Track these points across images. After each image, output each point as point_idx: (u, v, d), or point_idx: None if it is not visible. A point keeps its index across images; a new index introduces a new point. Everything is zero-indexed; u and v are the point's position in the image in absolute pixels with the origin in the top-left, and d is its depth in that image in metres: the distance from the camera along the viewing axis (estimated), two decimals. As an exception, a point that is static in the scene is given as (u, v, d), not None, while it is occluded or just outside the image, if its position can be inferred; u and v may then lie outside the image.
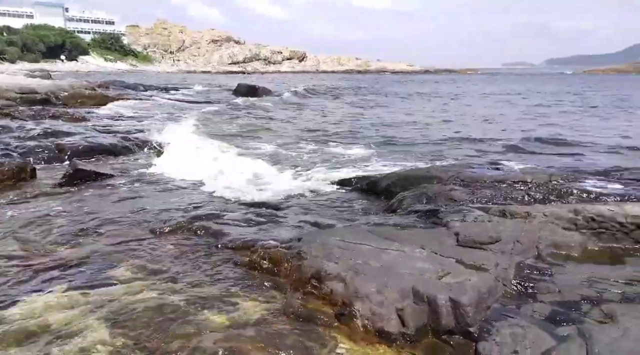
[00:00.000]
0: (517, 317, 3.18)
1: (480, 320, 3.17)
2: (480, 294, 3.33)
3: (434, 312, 3.19)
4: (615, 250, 4.24)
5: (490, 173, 6.34)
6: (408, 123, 16.16)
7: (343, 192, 6.83)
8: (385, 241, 4.23)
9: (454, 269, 3.69)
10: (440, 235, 4.45)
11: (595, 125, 15.48)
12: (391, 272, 3.53)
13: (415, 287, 3.34)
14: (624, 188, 5.26)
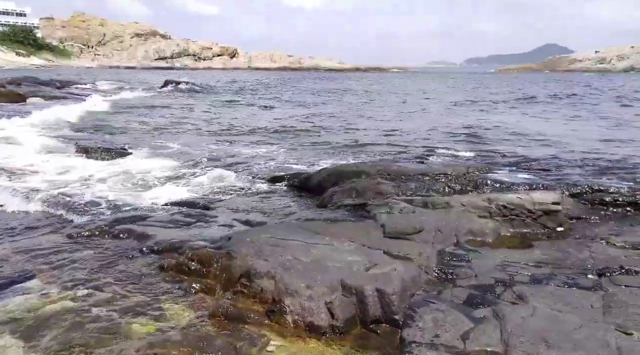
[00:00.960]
0: (438, 303, 3.36)
1: (405, 307, 3.31)
2: (404, 283, 3.48)
3: (362, 303, 3.29)
4: (525, 235, 4.61)
5: (415, 167, 6.62)
6: (328, 118, 16.46)
7: (275, 188, 6.82)
8: (315, 236, 4.29)
9: (381, 260, 3.83)
10: (368, 228, 4.59)
11: (516, 121, 16.63)
12: (320, 267, 3.59)
13: (344, 279, 3.42)
14: (532, 178, 5.72)
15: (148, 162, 8.20)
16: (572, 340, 2.79)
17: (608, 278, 3.49)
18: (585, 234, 4.31)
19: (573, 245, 4.11)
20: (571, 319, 3.00)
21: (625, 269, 3.57)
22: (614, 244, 4.02)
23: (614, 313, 3.07)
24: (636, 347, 2.70)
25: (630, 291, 3.30)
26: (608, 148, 9.53)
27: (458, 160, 7.83)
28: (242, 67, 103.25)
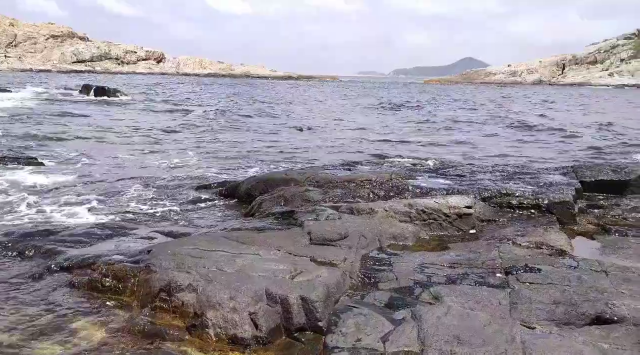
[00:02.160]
0: (360, 307, 3.45)
1: (329, 313, 3.36)
2: (329, 289, 3.53)
3: (286, 312, 3.29)
4: (442, 238, 4.87)
5: (342, 174, 6.77)
6: (257, 126, 16.47)
7: (202, 198, 6.65)
8: (241, 246, 4.24)
9: (307, 267, 3.86)
10: (295, 236, 4.61)
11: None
12: (245, 277, 3.55)
13: (269, 289, 3.41)
14: (449, 183, 6.07)
15: (55, 174, 7.65)
16: (482, 336, 2.97)
17: (514, 276, 3.77)
18: (495, 235, 4.64)
19: (484, 246, 4.40)
20: (481, 316, 3.20)
21: (529, 267, 3.87)
22: (520, 244, 4.35)
23: (519, 309, 3.32)
24: (537, 340, 2.93)
25: (533, 288, 3.58)
26: (515, 153, 10.69)
27: (381, 167, 8.11)
28: (169, 73, 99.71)
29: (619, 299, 3.23)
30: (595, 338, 2.91)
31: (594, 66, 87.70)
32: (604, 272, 3.64)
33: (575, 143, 13.94)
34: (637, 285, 3.40)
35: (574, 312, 3.15)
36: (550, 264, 3.87)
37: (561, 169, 6.27)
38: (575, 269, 3.73)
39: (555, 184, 5.40)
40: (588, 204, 5.33)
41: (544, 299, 3.34)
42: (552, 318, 3.16)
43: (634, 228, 4.63)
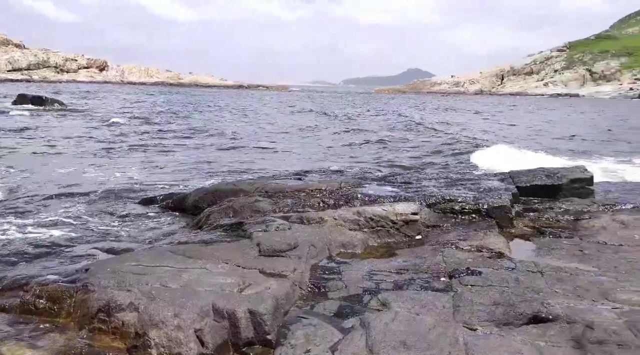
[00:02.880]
0: (310, 317, 3.44)
1: (278, 326, 3.33)
2: (278, 301, 3.50)
3: (234, 326, 3.23)
4: (390, 244, 4.97)
5: (292, 183, 6.76)
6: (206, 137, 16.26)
7: (147, 211, 6.42)
8: (187, 260, 4.12)
9: (255, 279, 3.81)
10: (244, 248, 4.55)
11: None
12: (191, 292, 3.45)
13: (216, 303, 3.33)
14: (396, 190, 6.21)
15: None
16: (427, 340, 3.05)
17: (457, 279, 3.90)
18: (439, 240, 4.79)
19: (429, 251, 4.53)
20: (427, 320, 3.28)
21: (471, 270, 4.02)
22: (462, 248, 4.52)
23: (461, 311, 3.43)
24: (479, 341, 3.04)
25: (474, 290, 3.71)
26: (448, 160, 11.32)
27: (331, 176, 8.20)
28: (113, 81, 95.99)
29: (553, 298, 3.41)
30: (533, 337, 3.05)
31: (530, 76, 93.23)
32: (539, 273, 3.84)
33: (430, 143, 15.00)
34: (569, 285, 3.61)
35: (512, 312, 3.30)
36: (490, 266, 4.04)
37: (499, 175, 6.59)
38: (513, 270, 3.91)
39: (494, 189, 5.66)
40: (524, 207, 5.62)
41: (485, 301, 3.48)
42: (492, 319, 3.29)
43: (566, 229, 4.93)
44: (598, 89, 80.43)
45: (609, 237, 4.46)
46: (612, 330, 2.88)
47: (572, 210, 5.33)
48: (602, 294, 3.38)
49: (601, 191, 5.98)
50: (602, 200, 5.51)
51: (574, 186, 5.64)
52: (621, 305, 3.21)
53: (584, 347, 2.83)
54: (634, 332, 2.87)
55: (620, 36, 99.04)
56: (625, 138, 19.12)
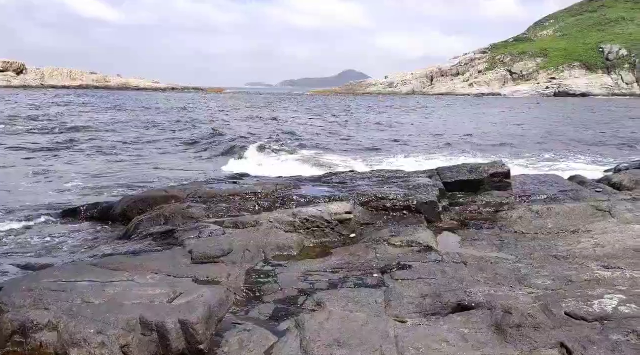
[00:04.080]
0: (244, 322, 3.41)
1: (212, 334, 3.26)
2: (211, 309, 3.41)
3: (163, 338, 3.11)
4: (325, 244, 5.03)
5: (226, 187, 6.65)
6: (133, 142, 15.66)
7: (69, 223, 6.04)
8: (113, 273, 3.92)
9: (187, 288, 3.69)
10: (175, 256, 4.41)
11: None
12: (116, 306, 3.28)
13: (143, 316, 3.19)
14: (331, 190, 6.30)
15: None
16: (359, 336, 3.11)
17: (389, 274, 4.03)
18: (372, 237, 4.91)
19: (362, 249, 4.64)
20: (359, 317, 3.35)
21: (402, 265, 4.16)
22: (394, 243, 4.67)
23: (392, 305, 3.54)
24: (408, 333, 3.15)
25: (405, 284, 3.84)
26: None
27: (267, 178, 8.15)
28: (32, 85, 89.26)
29: (475, 286, 3.62)
30: (457, 324, 3.21)
31: (457, 77, 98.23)
32: (463, 263, 4.05)
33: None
34: (489, 273, 3.84)
35: (439, 303, 3.45)
36: (419, 260, 4.20)
37: (428, 172, 6.88)
38: (439, 262, 4.09)
39: (423, 185, 5.90)
40: (450, 202, 5.91)
41: (414, 293, 3.61)
42: (421, 310, 3.43)
43: (488, 221, 5.25)
44: (517, 88, 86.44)
45: (525, 226, 4.81)
46: (528, 313, 3.10)
47: (493, 202, 5.69)
48: (519, 280, 3.63)
49: (518, 183, 6.43)
50: (518, 192, 5.94)
51: (494, 180, 6.03)
52: (536, 290, 3.46)
53: (504, 332, 3.03)
54: (547, 314, 3.11)
55: (536, 38, 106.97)
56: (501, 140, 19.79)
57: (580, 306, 2.99)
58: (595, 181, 6.71)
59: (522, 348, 2.78)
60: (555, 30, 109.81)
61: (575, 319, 2.89)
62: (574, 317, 2.91)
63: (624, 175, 6.42)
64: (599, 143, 18.17)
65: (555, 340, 2.76)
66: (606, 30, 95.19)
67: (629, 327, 2.80)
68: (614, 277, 3.42)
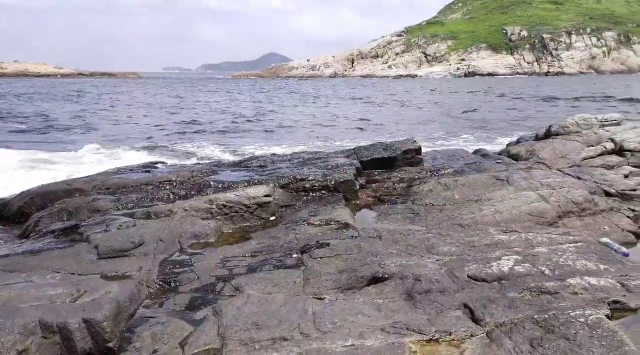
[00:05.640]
0: (158, 315, 3.26)
1: (122, 331, 3.09)
2: (120, 305, 3.23)
3: (67, 340, 2.90)
4: (245, 229, 4.94)
5: (137, 177, 6.29)
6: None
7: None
8: (8, 275, 3.59)
9: (93, 285, 3.46)
10: (79, 253, 4.11)
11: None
12: (11, 310, 2.99)
13: (43, 318, 2.94)
14: (251, 174, 6.19)
15: None
16: (279, 316, 3.10)
17: (308, 254, 4.05)
18: (292, 219, 4.91)
19: (282, 231, 4.63)
20: (278, 298, 3.35)
21: (320, 243, 4.21)
22: (313, 223, 4.70)
23: (311, 283, 3.58)
24: (326, 308, 3.20)
25: (323, 262, 3.89)
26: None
27: (184, 165, 7.85)
28: None
29: (389, 258, 3.75)
30: (372, 296, 3.32)
31: (376, 59, 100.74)
32: (378, 238, 4.18)
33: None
34: (402, 244, 4.00)
35: (354, 277, 3.54)
36: (337, 237, 4.28)
37: (346, 152, 7.00)
38: (356, 238, 4.19)
39: (341, 165, 5.99)
40: (367, 179, 6.07)
41: (332, 270, 3.67)
42: (338, 286, 3.50)
43: (401, 196, 5.47)
44: (432, 69, 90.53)
45: (435, 198, 5.06)
46: (435, 279, 3.28)
47: (406, 178, 5.92)
48: (428, 249, 3.82)
49: (430, 159, 6.76)
50: (429, 167, 6.24)
51: (407, 156, 6.28)
52: (443, 257, 3.66)
53: (414, 298, 3.18)
54: (452, 278, 3.31)
55: (447, 21, 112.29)
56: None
57: (481, 269, 3.21)
58: (497, 154, 7.23)
59: (430, 312, 2.94)
60: (463, 13, 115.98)
61: (476, 281, 3.11)
62: (476, 279, 3.13)
63: (520, 146, 6.98)
64: (501, 120, 19.62)
65: (459, 302, 2.95)
66: (509, 12, 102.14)
67: (523, 285, 3.06)
68: (511, 240, 3.72)
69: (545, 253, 3.38)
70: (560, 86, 44.25)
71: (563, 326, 2.44)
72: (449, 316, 2.84)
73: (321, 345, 2.77)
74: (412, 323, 2.86)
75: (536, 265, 3.18)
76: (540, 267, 3.15)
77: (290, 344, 2.82)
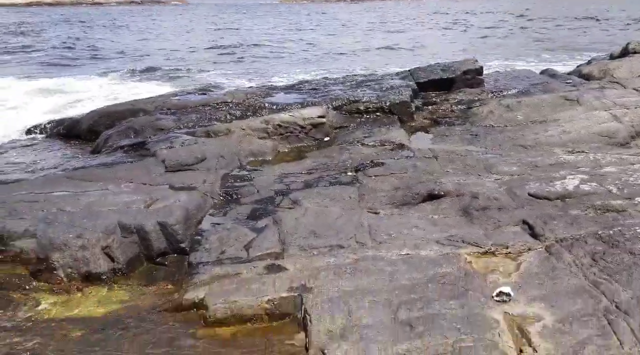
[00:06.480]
0: (223, 223, 3.49)
1: (192, 234, 3.35)
2: (189, 212, 3.49)
3: (144, 240, 3.19)
4: (300, 149, 5.05)
5: (195, 98, 6.46)
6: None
7: (35, 140, 5.88)
8: (86, 184, 3.91)
9: (163, 194, 3.73)
10: (148, 166, 4.38)
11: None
12: (93, 213, 3.31)
13: (122, 221, 3.24)
14: (304, 97, 6.19)
15: None
16: (335, 227, 3.24)
17: (362, 172, 4.11)
18: (346, 140, 4.95)
19: (337, 151, 4.69)
20: (334, 211, 3.47)
21: (375, 163, 4.24)
22: (367, 144, 4.72)
23: (366, 199, 3.66)
24: (381, 222, 3.30)
25: (378, 179, 3.94)
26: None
27: (238, 88, 7.93)
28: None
29: (445, 177, 3.74)
30: (427, 212, 3.37)
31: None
32: (434, 158, 4.15)
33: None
34: (459, 164, 3.96)
35: (410, 194, 3.58)
36: (392, 157, 4.28)
37: (401, 74, 6.78)
38: (411, 158, 4.18)
39: (396, 87, 5.84)
40: (424, 101, 5.92)
41: (386, 187, 3.72)
42: (393, 202, 3.56)
43: (460, 118, 5.31)
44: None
45: (496, 120, 4.89)
46: (493, 197, 3.26)
47: (465, 100, 5.71)
48: (487, 168, 3.76)
49: (491, 80, 6.43)
50: (490, 88, 5.95)
51: (467, 77, 6.00)
52: (502, 176, 3.60)
53: (471, 215, 3.19)
54: (512, 196, 3.27)
55: None
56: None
57: (544, 187, 3.14)
58: (567, 74, 6.75)
59: (486, 227, 2.96)
60: None
61: (538, 199, 3.06)
62: (537, 197, 3.08)
63: (593, 66, 6.46)
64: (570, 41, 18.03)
65: (518, 218, 2.93)
66: None
67: (588, 203, 2.98)
68: (577, 160, 3.57)
69: (614, 172, 3.24)
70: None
71: (629, 241, 2.40)
72: (506, 231, 2.85)
73: (377, 253, 2.89)
74: (468, 236, 2.90)
75: (603, 184, 3.07)
76: (607, 186, 3.04)
77: (346, 251, 2.96)
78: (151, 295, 2.77)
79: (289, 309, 2.48)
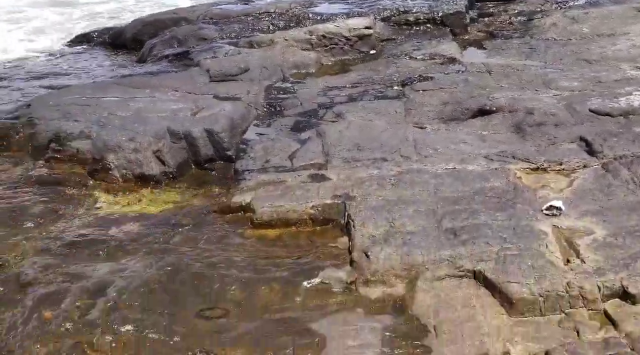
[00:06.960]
0: (268, 133, 3.52)
1: (237, 143, 3.40)
2: (234, 121, 3.51)
3: (192, 146, 3.28)
4: (344, 62, 4.88)
5: (237, 8, 6.26)
6: None
7: (83, 49, 5.96)
8: (134, 90, 3.98)
9: (208, 103, 3.76)
10: (193, 75, 4.39)
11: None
12: (142, 119, 3.40)
13: (171, 127, 3.32)
14: (349, 7, 5.86)
15: None
16: (379, 140, 3.19)
17: (409, 86, 3.96)
18: (393, 53, 4.72)
19: (383, 64, 4.50)
20: (379, 125, 3.41)
21: (423, 77, 4.07)
22: (415, 57, 4.50)
23: (412, 114, 3.56)
24: (427, 136, 3.22)
25: (425, 94, 3.80)
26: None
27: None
28: None
29: (498, 92, 3.55)
30: (476, 128, 3.25)
31: None
32: (488, 72, 3.93)
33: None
34: (514, 79, 3.74)
35: (459, 109, 3.45)
36: (442, 71, 4.09)
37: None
38: (463, 72, 3.98)
39: (450, -4, 5.41)
40: (479, 12, 5.49)
41: (435, 102, 3.59)
42: (441, 117, 3.45)
43: (518, 31, 4.91)
44: None
45: (559, 32, 4.50)
46: (550, 113, 3.09)
47: (526, 11, 5.24)
48: (545, 83, 3.53)
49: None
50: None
51: (530, -15, 5.45)
52: (562, 92, 3.38)
53: (523, 131, 3.06)
54: (571, 112, 3.09)
55: None
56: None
57: (606, 103, 2.94)
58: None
59: (540, 144, 2.84)
60: None
61: (599, 115, 2.88)
62: (598, 113, 2.89)
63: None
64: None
65: (576, 135, 2.79)
66: None
67: (654, 121, 2.78)
68: (646, 77, 3.29)
69: (688, 91, 2.97)
70: None
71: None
72: (561, 148, 2.73)
73: (421, 166, 2.85)
74: (519, 153, 2.80)
75: (674, 103, 2.84)
76: (679, 105, 2.81)
77: (390, 164, 2.93)
78: (201, 197, 2.89)
79: (333, 214, 2.54)
